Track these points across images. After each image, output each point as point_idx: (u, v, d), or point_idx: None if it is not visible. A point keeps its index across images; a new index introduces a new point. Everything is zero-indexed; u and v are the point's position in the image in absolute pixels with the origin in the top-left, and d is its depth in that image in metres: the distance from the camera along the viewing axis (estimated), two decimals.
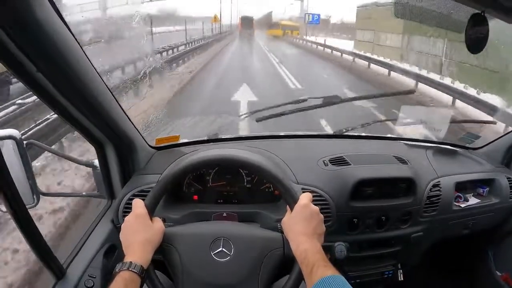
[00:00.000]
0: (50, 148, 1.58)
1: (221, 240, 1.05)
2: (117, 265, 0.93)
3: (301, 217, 1.01)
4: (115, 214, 1.41)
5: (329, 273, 0.85)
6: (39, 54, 0.84)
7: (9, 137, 1.04)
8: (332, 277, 0.84)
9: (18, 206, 0.88)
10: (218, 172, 1.49)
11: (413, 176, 1.48)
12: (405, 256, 1.62)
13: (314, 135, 1.96)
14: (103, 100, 1.16)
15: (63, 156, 1.57)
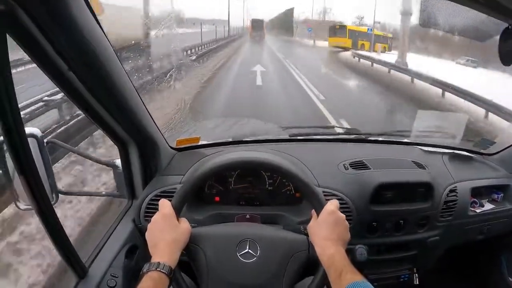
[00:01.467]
0: (71, 147, 1.59)
1: (247, 242, 1.06)
2: (145, 265, 0.94)
3: (327, 223, 1.03)
4: (136, 214, 1.42)
5: (358, 278, 0.87)
6: (72, 53, 0.86)
7: (30, 135, 1.03)
8: (362, 284, 0.86)
9: (45, 203, 0.89)
10: (240, 174, 1.50)
11: (431, 181, 1.49)
12: (421, 260, 1.63)
13: (334, 139, 1.97)
14: (129, 100, 1.17)
15: (84, 155, 1.57)
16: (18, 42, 0.76)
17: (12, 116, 0.74)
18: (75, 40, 0.84)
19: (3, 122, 0.74)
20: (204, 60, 14.39)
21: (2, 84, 0.70)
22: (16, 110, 0.75)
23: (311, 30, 35.05)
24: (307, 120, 7.61)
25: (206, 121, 4.15)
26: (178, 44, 6.78)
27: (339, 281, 0.88)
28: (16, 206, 1.07)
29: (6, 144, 0.77)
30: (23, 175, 0.81)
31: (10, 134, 0.76)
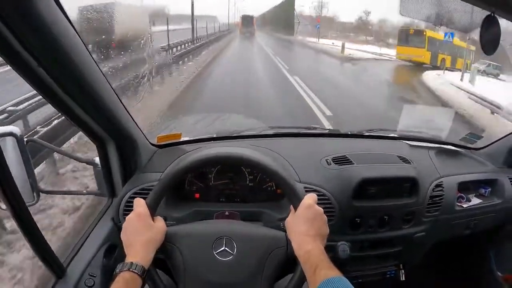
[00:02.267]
0: (52, 145, 1.56)
1: (223, 239, 1.04)
2: (118, 266, 0.92)
3: (305, 218, 1.00)
4: (116, 212, 1.40)
5: (333, 274, 0.85)
6: (41, 48, 0.83)
7: (9, 134, 1.02)
8: (336, 279, 0.83)
9: (18, 203, 0.87)
10: (220, 170, 1.48)
11: (417, 176, 1.48)
12: (407, 256, 1.61)
13: (317, 134, 1.96)
14: (105, 97, 1.15)
15: (64, 153, 1.56)
16: None
17: None
18: (42, 36, 0.81)
19: None
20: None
21: None
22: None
23: (318, 27, 32.36)
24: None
25: (188, 117, 4.13)
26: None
27: (314, 277, 0.86)
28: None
29: None
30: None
31: None
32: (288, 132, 1.93)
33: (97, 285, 1.16)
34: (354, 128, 1.89)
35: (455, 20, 1.13)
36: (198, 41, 18.36)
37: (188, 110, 7.53)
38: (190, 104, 8.05)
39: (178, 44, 14.43)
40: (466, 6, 1.05)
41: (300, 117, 7.26)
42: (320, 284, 0.83)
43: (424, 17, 1.15)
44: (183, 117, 3.61)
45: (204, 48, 17.93)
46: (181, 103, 7.91)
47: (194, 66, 13.29)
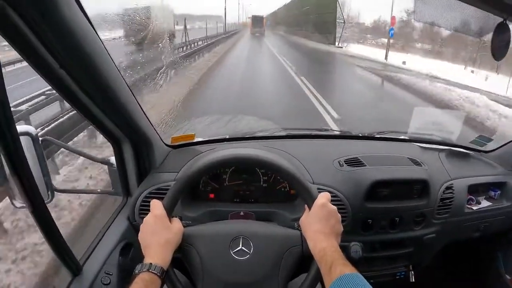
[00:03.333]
0: (66, 144, 1.58)
1: (240, 239, 1.05)
2: (137, 267, 0.93)
3: (319, 216, 1.02)
4: (131, 211, 1.42)
5: (348, 270, 0.86)
6: (63, 50, 0.85)
7: (25, 133, 1.04)
8: (351, 275, 0.85)
9: (37, 201, 0.88)
10: (234, 171, 1.49)
11: (428, 178, 1.48)
12: (417, 257, 1.62)
13: (328, 136, 1.97)
14: (122, 97, 1.16)
15: (78, 153, 1.57)
16: (7, 39, 0.75)
17: (3, 115, 0.73)
18: (65, 38, 0.83)
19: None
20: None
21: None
22: (7, 108, 0.74)
23: (393, 32, 18.50)
24: None
25: (201, 118, 4.14)
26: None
27: (330, 274, 0.87)
28: (12, 204, 1.06)
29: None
30: (16, 175, 0.81)
31: (2, 133, 0.75)
32: (300, 134, 1.95)
33: (113, 283, 1.18)
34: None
35: (468, 26, 1.14)
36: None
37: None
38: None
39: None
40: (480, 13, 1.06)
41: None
42: (335, 280, 0.84)
43: (438, 23, 1.17)
44: (196, 119, 3.62)
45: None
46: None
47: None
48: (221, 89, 9.65)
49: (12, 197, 1.04)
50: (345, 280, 0.83)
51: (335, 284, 0.84)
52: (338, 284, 0.83)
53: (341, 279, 0.84)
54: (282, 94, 9.88)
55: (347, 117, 6.95)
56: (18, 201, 1.04)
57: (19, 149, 0.79)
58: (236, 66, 14.91)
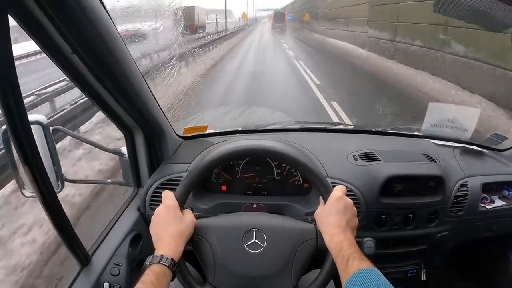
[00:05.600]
0: (77, 134, 1.59)
1: (253, 232, 1.04)
2: (148, 258, 0.93)
3: (335, 209, 1.01)
4: (142, 202, 1.41)
5: (365, 265, 0.85)
6: (76, 35, 0.84)
7: (35, 122, 1.04)
8: (368, 270, 0.84)
9: (48, 191, 0.89)
10: (247, 163, 1.48)
11: (442, 175, 1.46)
12: (429, 255, 1.60)
13: (342, 130, 1.96)
14: (136, 86, 1.16)
15: (89, 142, 1.55)
16: (19, 23, 0.75)
17: (15, 104, 0.73)
18: (79, 22, 0.83)
19: (6, 110, 0.73)
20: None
21: (4, 68, 0.69)
22: (19, 98, 0.74)
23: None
24: None
25: (214, 109, 4.13)
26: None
27: (347, 269, 0.86)
28: (22, 193, 1.07)
29: (9, 133, 0.77)
30: (27, 164, 0.81)
31: (13, 123, 0.75)
32: (314, 128, 1.93)
33: (122, 274, 1.17)
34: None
35: (490, 18, 1.12)
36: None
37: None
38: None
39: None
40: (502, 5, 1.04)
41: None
42: (352, 274, 0.83)
43: (458, 15, 1.15)
44: (209, 110, 3.61)
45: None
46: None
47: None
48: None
49: (22, 186, 1.05)
50: (363, 275, 0.82)
51: (352, 279, 0.83)
52: (355, 278, 0.82)
53: (359, 274, 0.83)
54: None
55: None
56: (27, 190, 1.05)
57: (30, 139, 0.79)
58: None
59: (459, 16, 1.16)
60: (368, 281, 0.80)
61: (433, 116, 1.76)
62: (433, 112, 1.77)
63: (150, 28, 1.87)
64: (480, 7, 1.12)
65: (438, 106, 1.80)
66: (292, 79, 10.71)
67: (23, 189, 1.06)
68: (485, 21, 1.17)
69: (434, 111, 1.77)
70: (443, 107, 1.81)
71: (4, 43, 0.67)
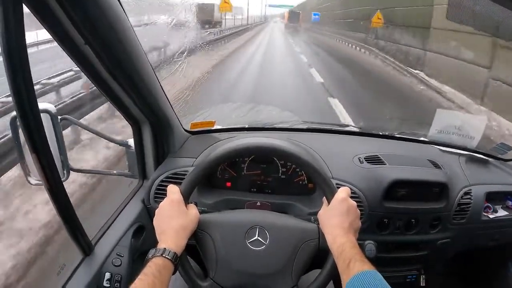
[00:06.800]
0: (84, 124, 1.59)
1: (256, 229, 1.05)
2: (150, 251, 0.93)
3: (338, 211, 1.01)
4: (146, 194, 1.43)
5: (366, 267, 0.85)
6: (89, 26, 0.85)
7: (44, 111, 1.04)
8: (369, 272, 0.84)
9: (54, 179, 0.89)
10: (253, 160, 1.49)
11: (447, 182, 1.46)
12: (430, 261, 1.61)
13: (349, 132, 1.96)
14: (146, 78, 1.17)
15: (96, 133, 1.56)
16: (33, 12, 0.76)
17: (26, 93, 0.74)
18: (92, 13, 0.84)
19: (17, 98, 0.74)
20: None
21: (17, 57, 0.70)
22: (30, 86, 0.75)
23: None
24: None
25: (222, 105, 4.13)
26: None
27: (348, 270, 0.87)
28: (27, 181, 1.08)
29: (19, 120, 0.78)
30: (35, 152, 0.82)
31: (24, 111, 0.76)
32: (320, 128, 1.94)
33: (124, 265, 1.18)
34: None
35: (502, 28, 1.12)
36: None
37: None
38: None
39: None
40: None
41: None
42: (353, 276, 0.83)
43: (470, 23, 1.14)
44: (216, 106, 3.61)
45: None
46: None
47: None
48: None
49: (27, 173, 1.06)
50: (363, 277, 0.83)
51: (353, 280, 0.83)
52: (356, 280, 0.83)
53: (360, 276, 0.83)
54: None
55: None
56: (33, 178, 1.06)
57: (40, 128, 0.80)
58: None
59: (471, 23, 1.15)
60: (368, 283, 0.81)
61: (440, 122, 1.76)
62: (441, 119, 1.76)
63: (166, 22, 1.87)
64: (493, 15, 1.12)
65: (445, 112, 1.80)
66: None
67: (29, 176, 1.07)
68: (497, 29, 1.16)
69: (442, 118, 1.76)
70: (450, 114, 1.81)
71: (19, 32, 0.68)
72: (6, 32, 0.66)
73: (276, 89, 9.13)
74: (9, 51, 0.68)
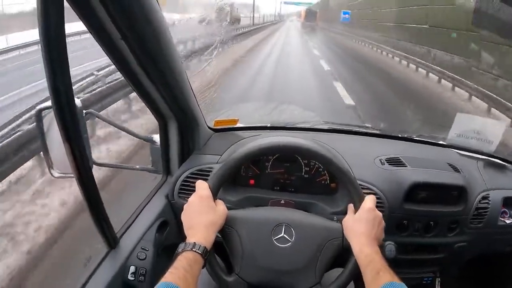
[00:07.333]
0: (109, 119, 1.60)
1: (282, 226, 1.07)
2: (180, 245, 0.95)
3: (366, 220, 1.04)
4: (170, 190, 1.45)
5: (396, 280, 0.88)
6: (126, 21, 0.87)
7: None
8: (400, 285, 0.87)
9: (86, 171, 0.92)
10: (277, 159, 1.50)
11: (466, 185, 1.47)
12: (445, 265, 1.61)
13: (370, 133, 1.96)
14: (176, 75, 1.19)
15: (122, 128, 1.58)
16: (72, 5, 0.78)
17: (64, 86, 0.77)
18: (130, 8, 0.86)
19: (55, 91, 0.76)
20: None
21: (55, 48, 0.72)
22: (68, 79, 0.77)
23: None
24: None
25: (245, 104, 4.15)
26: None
27: (377, 279, 0.89)
28: (50, 173, 1.10)
29: (55, 113, 0.80)
30: (68, 143, 0.84)
31: (60, 103, 0.78)
32: (342, 129, 1.94)
33: (148, 259, 1.20)
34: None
35: None
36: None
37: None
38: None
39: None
40: None
41: None
42: (385, 284, 0.86)
43: (496, 31, 1.15)
44: (240, 104, 3.63)
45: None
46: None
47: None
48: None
49: (51, 166, 1.08)
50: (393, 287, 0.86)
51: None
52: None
53: (390, 286, 0.86)
54: None
55: None
56: (56, 170, 1.08)
57: (75, 120, 0.83)
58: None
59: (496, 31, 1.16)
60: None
61: (460, 126, 1.76)
62: (460, 122, 1.76)
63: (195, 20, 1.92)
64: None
65: (465, 116, 1.80)
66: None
67: (52, 169, 1.09)
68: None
69: (461, 121, 1.77)
70: (470, 118, 1.80)
71: (59, 24, 0.70)
72: (46, 26, 0.69)
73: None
74: (48, 47, 0.71)
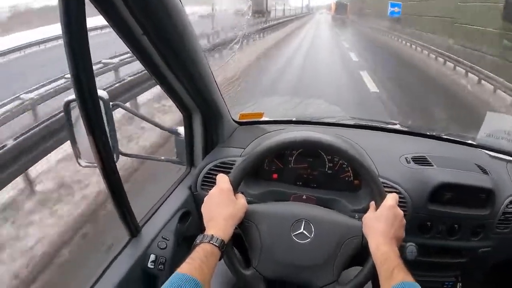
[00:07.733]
0: (135, 111, 1.65)
1: (302, 222, 1.07)
2: (198, 237, 0.96)
3: (386, 218, 1.02)
4: (194, 181, 1.46)
5: (410, 279, 0.87)
6: (147, 17, 0.88)
7: (99, 97, 1.10)
8: (413, 284, 0.86)
9: (109, 161, 0.94)
10: (301, 153, 1.49)
11: (494, 188, 1.41)
12: (468, 269, 1.56)
13: (396, 130, 1.92)
14: (199, 68, 1.20)
15: (147, 120, 1.60)
16: (93, 3, 0.79)
17: (86, 78, 0.79)
18: (150, 4, 0.87)
19: (78, 84, 0.78)
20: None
21: (77, 42, 0.74)
22: (90, 72, 0.80)
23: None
24: None
25: (270, 97, 4.13)
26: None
27: (390, 278, 0.89)
28: (78, 163, 1.13)
29: (78, 105, 0.82)
30: (92, 134, 0.87)
31: (83, 95, 0.80)
32: (368, 125, 1.91)
33: (169, 248, 1.22)
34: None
35: None
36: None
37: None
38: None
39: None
40: None
41: None
42: (397, 284, 0.86)
43: None
44: (265, 98, 3.63)
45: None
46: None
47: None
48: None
49: (78, 156, 1.11)
50: (408, 287, 0.85)
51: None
52: None
53: (404, 285, 0.85)
54: None
55: None
56: (83, 160, 1.11)
57: (98, 112, 0.86)
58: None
59: None
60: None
61: (490, 126, 1.69)
62: (490, 122, 1.70)
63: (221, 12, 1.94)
64: None
65: (496, 116, 1.73)
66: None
67: (79, 158, 1.12)
68: None
69: (492, 121, 1.70)
70: (501, 117, 1.74)
71: (81, 20, 0.72)
72: (68, 20, 0.70)
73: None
74: (70, 40, 0.73)
